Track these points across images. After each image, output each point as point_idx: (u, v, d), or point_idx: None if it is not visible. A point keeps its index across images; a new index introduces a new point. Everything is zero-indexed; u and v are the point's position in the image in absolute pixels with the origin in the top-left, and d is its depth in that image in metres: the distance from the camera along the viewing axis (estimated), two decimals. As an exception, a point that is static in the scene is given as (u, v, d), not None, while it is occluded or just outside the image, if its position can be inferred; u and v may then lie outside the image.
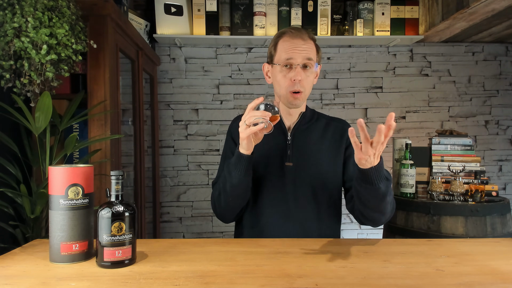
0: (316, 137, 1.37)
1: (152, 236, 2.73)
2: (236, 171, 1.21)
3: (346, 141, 1.37)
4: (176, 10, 2.60)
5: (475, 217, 2.01)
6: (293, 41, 1.29)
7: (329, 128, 1.39)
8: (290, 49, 1.28)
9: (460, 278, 0.89)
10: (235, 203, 1.29)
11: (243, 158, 1.20)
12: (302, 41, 1.29)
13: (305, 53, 1.27)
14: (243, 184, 1.24)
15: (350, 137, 1.01)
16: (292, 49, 1.28)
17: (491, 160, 3.02)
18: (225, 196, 1.27)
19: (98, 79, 1.69)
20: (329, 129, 1.39)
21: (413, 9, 2.73)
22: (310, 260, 1.02)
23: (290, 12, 2.66)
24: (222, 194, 1.28)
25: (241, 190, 1.25)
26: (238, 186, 1.23)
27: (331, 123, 1.41)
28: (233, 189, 1.24)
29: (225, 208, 1.30)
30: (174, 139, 2.88)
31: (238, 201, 1.29)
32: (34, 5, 1.35)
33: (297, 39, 1.29)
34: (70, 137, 1.51)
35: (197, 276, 0.89)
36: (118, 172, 0.97)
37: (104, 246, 0.93)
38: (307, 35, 1.30)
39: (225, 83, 2.89)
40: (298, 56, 1.27)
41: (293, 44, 1.28)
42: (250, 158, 1.21)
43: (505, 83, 3.01)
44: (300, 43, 1.28)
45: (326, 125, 1.40)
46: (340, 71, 2.93)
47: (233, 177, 1.22)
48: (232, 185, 1.23)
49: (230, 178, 1.23)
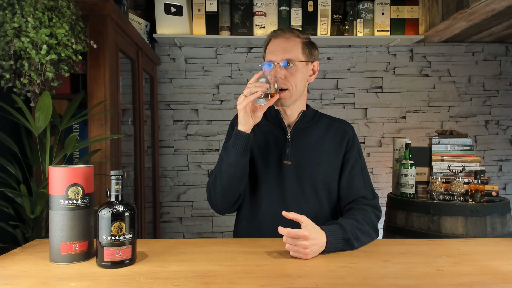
0: (317, 137, 1.37)
1: (152, 236, 2.73)
2: (233, 149, 1.21)
3: (346, 144, 1.36)
4: (176, 10, 2.60)
5: (475, 217, 2.01)
6: (275, 41, 1.33)
7: (330, 129, 1.39)
8: (272, 49, 1.32)
9: (460, 278, 0.89)
10: (230, 187, 1.26)
11: (240, 135, 1.21)
12: (284, 40, 1.31)
13: (284, 52, 1.29)
14: (240, 165, 1.23)
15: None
16: (274, 49, 1.31)
17: (491, 160, 3.02)
18: (221, 179, 1.26)
19: (98, 79, 1.69)
20: (330, 130, 1.38)
21: (413, 9, 2.73)
22: (310, 260, 1.02)
23: (290, 12, 2.66)
24: (218, 177, 1.27)
25: (237, 170, 1.24)
26: (234, 165, 1.22)
27: (333, 123, 1.41)
28: (229, 168, 1.23)
29: (220, 193, 1.28)
30: (174, 139, 2.88)
31: (233, 184, 1.26)
32: (34, 5, 1.35)
33: (279, 38, 1.32)
34: (70, 137, 1.51)
35: (197, 276, 0.89)
36: (118, 172, 0.97)
37: (104, 246, 0.93)
38: (290, 34, 1.32)
39: (225, 83, 2.89)
40: (277, 55, 1.30)
41: (275, 45, 1.32)
42: (249, 137, 1.21)
43: (505, 83, 3.01)
44: (282, 42, 1.31)
45: (328, 126, 1.39)
46: (340, 71, 2.93)
47: (230, 156, 1.22)
48: (228, 164, 1.23)
49: (227, 158, 1.23)
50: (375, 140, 2.97)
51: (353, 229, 1.14)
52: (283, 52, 1.29)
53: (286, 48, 1.30)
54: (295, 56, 1.30)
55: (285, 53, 1.29)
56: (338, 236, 1.10)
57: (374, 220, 1.26)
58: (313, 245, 1.03)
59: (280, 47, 1.30)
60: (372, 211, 1.28)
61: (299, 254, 1.03)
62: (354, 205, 1.30)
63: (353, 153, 1.36)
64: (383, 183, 2.97)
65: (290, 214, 1.06)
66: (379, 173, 2.97)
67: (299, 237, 1.02)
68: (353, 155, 1.35)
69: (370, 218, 1.24)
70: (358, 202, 1.30)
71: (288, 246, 1.04)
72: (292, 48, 1.31)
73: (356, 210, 1.27)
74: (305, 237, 1.02)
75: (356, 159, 1.36)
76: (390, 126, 2.96)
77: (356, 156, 1.36)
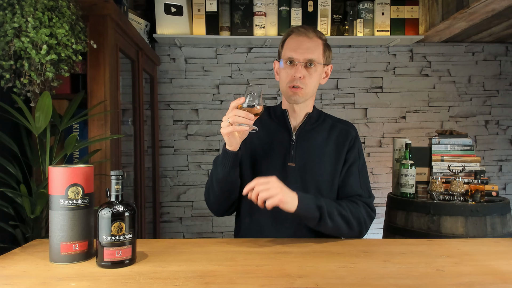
0: (321, 139, 1.36)
1: (152, 236, 2.73)
2: (221, 166, 1.23)
3: (348, 144, 1.36)
4: (176, 10, 2.60)
5: (475, 217, 2.01)
6: (298, 39, 1.30)
7: (334, 130, 1.38)
8: (294, 47, 1.30)
9: (460, 278, 0.89)
10: (221, 197, 1.31)
11: (228, 154, 1.22)
12: (307, 39, 1.30)
13: (307, 51, 1.28)
14: (229, 179, 1.26)
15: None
16: (296, 47, 1.29)
17: (491, 160, 3.02)
18: (213, 190, 1.30)
19: (98, 79, 1.69)
20: (334, 131, 1.38)
21: (413, 9, 2.73)
22: (310, 260, 1.02)
23: (290, 12, 2.66)
24: (211, 188, 1.31)
25: (226, 185, 1.27)
26: (223, 181, 1.26)
27: (336, 125, 1.40)
28: (219, 184, 1.26)
29: (214, 202, 1.33)
30: (174, 139, 2.88)
31: (225, 194, 1.30)
32: (34, 5, 1.35)
33: (302, 37, 1.30)
34: (70, 137, 1.51)
35: (197, 276, 0.89)
36: (118, 172, 0.97)
37: (104, 246, 0.93)
38: (314, 34, 1.31)
39: (225, 83, 2.89)
40: (300, 54, 1.28)
41: (297, 42, 1.30)
42: (236, 155, 1.22)
43: (505, 83, 3.01)
44: (305, 41, 1.29)
45: (332, 127, 1.39)
46: (340, 71, 2.93)
47: (219, 172, 1.25)
48: (218, 180, 1.26)
49: (216, 174, 1.26)
50: (375, 140, 2.97)
51: (330, 206, 1.20)
52: (306, 51, 1.28)
53: (309, 48, 1.29)
54: (317, 57, 1.29)
55: (309, 53, 1.28)
56: (310, 200, 1.17)
57: (362, 213, 1.26)
58: (282, 189, 1.12)
59: (303, 46, 1.29)
60: (363, 206, 1.29)
61: (271, 194, 1.08)
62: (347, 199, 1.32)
63: (353, 153, 1.36)
64: (383, 183, 2.97)
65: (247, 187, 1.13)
66: (379, 173, 2.97)
67: (268, 180, 1.11)
68: (352, 155, 1.36)
69: (357, 210, 1.26)
70: (351, 199, 1.32)
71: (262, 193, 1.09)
72: (315, 49, 1.30)
73: (345, 200, 1.29)
74: (272, 179, 1.12)
75: (355, 159, 1.36)
76: (390, 126, 2.96)
77: (355, 156, 1.36)
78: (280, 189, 1.11)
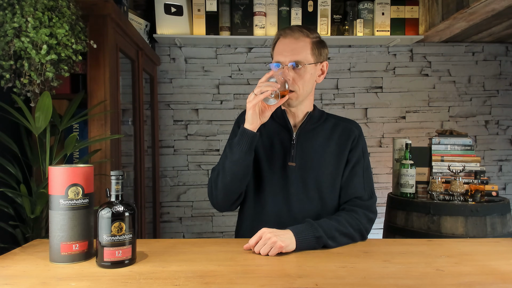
0: (322, 138, 1.35)
1: (152, 236, 2.73)
2: (238, 146, 1.21)
3: (351, 143, 1.34)
4: (176, 10, 2.60)
5: (475, 217, 2.01)
6: (284, 41, 1.29)
7: (337, 129, 1.36)
8: (281, 50, 1.29)
9: (460, 278, 0.89)
10: (232, 184, 1.26)
11: (246, 133, 1.20)
12: (293, 40, 1.28)
13: (292, 53, 1.26)
14: (244, 163, 1.22)
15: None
16: (282, 50, 1.28)
17: (491, 160, 3.02)
18: (223, 176, 1.25)
19: (98, 79, 1.69)
20: (336, 130, 1.36)
21: (413, 9, 2.73)
22: (310, 260, 1.02)
23: (290, 12, 2.66)
24: (221, 174, 1.26)
25: (240, 169, 1.23)
26: (238, 163, 1.22)
27: (339, 124, 1.38)
28: (233, 166, 1.22)
29: (221, 190, 1.27)
30: (174, 139, 2.88)
31: (235, 182, 1.25)
32: (34, 5, 1.35)
33: (288, 39, 1.28)
34: (70, 137, 1.51)
35: (197, 276, 0.89)
36: (118, 172, 0.97)
37: (104, 246, 0.93)
38: (300, 34, 1.28)
39: (225, 83, 2.89)
40: (286, 56, 1.26)
41: (283, 45, 1.29)
42: (254, 136, 1.21)
43: (505, 83, 3.01)
44: (291, 43, 1.28)
45: (334, 126, 1.37)
46: (340, 71, 2.93)
47: (234, 153, 1.21)
48: (232, 161, 1.22)
49: (231, 155, 1.23)
50: (375, 140, 2.97)
51: (330, 229, 1.15)
52: (292, 53, 1.26)
53: (295, 49, 1.27)
54: (303, 57, 1.27)
55: (294, 54, 1.26)
56: (308, 234, 1.12)
57: (362, 223, 1.23)
58: (277, 235, 1.07)
59: (288, 48, 1.27)
60: (363, 213, 1.25)
61: (270, 245, 1.06)
62: (347, 206, 1.29)
63: (357, 152, 1.33)
64: (383, 183, 2.97)
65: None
66: (379, 173, 2.97)
67: (261, 235, 1.09)
68: (356, 154, 1.33)
69: (358, 221, 1.22)
70: (351, 203, 1.29)
71: (262, 249, 1.06)
72: (301, 50, 1.27)
73: (344, 211, 1.27)
74: (263, 232, 1.09)
75: (359, 159, 1.34)
76: (390, 126, 2.96)
77: (360, 155, 1.34)
78: (274, 236, 1.07)
